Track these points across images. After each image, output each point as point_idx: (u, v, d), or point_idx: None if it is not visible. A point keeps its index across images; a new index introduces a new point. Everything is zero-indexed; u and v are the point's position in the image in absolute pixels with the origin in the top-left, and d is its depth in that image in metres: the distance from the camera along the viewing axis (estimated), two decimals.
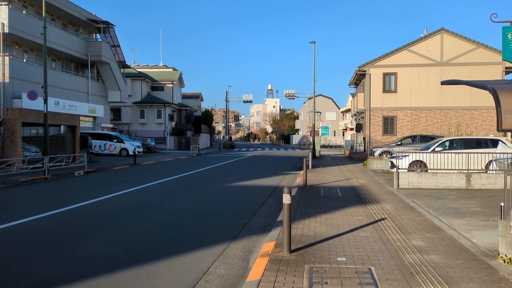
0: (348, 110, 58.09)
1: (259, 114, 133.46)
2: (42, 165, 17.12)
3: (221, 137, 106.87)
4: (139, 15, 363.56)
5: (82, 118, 28.22)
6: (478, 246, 6.07)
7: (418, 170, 14.31)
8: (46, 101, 17.19)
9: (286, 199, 5.77)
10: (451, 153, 13.77)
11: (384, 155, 21.48)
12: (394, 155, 16.19)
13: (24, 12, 25.81)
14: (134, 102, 45.61)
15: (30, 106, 21.16)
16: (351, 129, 49.41)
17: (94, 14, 33.46)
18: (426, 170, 14.13)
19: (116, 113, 44.71)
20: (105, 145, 30.43)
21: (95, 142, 29.54)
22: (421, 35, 29.73)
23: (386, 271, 4.99)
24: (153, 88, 49.30)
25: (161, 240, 6.88)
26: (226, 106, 59.39)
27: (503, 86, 5.79)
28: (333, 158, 30.35)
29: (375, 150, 22.78)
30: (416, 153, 15.22)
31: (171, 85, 49.32)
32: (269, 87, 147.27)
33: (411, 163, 14.94)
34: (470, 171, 12.92)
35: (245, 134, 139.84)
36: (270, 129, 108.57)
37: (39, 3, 26.27)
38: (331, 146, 58.84)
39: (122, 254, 6.05)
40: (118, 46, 36.65)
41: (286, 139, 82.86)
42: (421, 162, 14.94)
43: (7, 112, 18.46)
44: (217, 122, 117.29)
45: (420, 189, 12.58)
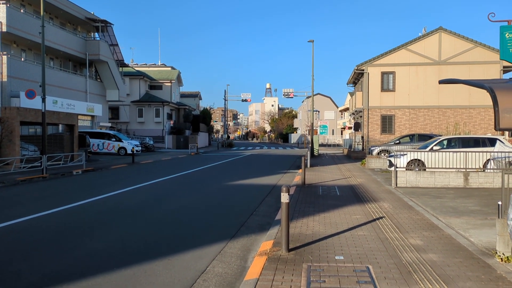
0: (346, 109, 58.11)
1: (258, 113, 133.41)
2: (40, 164, 17.10)
3: (219, 136, 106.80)
4: (137, 14, 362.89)
5: (80, 117, 28.15)
6: (475, 245, 6.09)
7: (416, 169, 14.33)
8: (44, 100, 17.17)
9: (284, 198, 5.77)
10: (449, 152, 13.80)
11: (382, 154, 21.51)
12: (392, 154, 16.21)
13: (22, 10, 25.72)
14: (132, 101, 45.54)
15: (28, 105, 21.12)
16: (350, 128, 49.42)
17: (92, 13, 33.39)
18: (424, 169, 14.15)
19: (114, 112, 44.63)
20: (103, 144, 30.39)
21: (93, 141, 29.50)
22: (419, 34, 29.75)
23: (384, 270, 5.00)
24: (151, 87, 49.24)
25: (159, 238, 6.89)
26: (225, 105, 59.35)
27: (501, 85, 5.80)
28: (331, 157, 30.38)
29: (373, 149, 22.80)
30: (414, 152, 15.24)
31: (170, 84, 49.26)
32: (267, 86, 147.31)
33: (409, 162, 14.96)
34: (468, 170, 12.95)
35: (243, 133, 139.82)
36: (268, 128, 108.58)
37: (37, 2, 26.22)
38: (330, 145, 58.87)
39: (121, 253, 6.05)
40: (116, 45, 36.58)
41: (285, 138, 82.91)
42: (419, 161, 14.96)
43: (5, 111, 18.42)
44: (215, 121, 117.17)
45: (418, 187, 12.60)
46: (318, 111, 61.97)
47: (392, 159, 15.55)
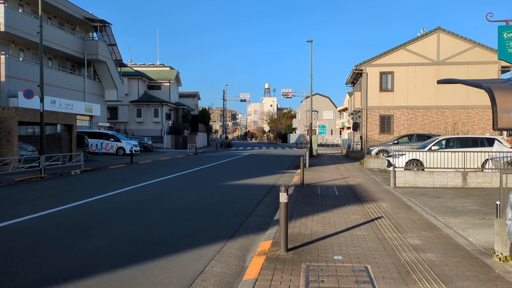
0: (345, 109, 58.14)
1: (256, 113, 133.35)
2: (38, 164, 17.07)
3: (218, 136, 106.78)
4: (136, 14, 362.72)
5: (78, 117, 28.13)
6: (474, 245, 6.10)
7: (415, 169, 14.35)
8: (42, 100, 17.13)
9: (283, 198, 5.77)
10: (448, 151, 13.81)
11: (381, 154, 21.53)
12: (391, 154, 16.22)
13: (20, 10, 25.67)
14: (131, 101, 45.48)
15: (27, 105, 21.08)
16: (348, 128, 49.46)
17: (90, 12, 33.35)
18: (423, 169, 14.16)
19: (113, 112, 44.59)
20: (101, 144, 30.36)
21: (92, 141, 29.45)
22: (417, 34, 29.80)
23: (383, 270, 5.00)
24: (150, 87, 49.20)
25: (157, 238, 6.88)
26: (223, 105, 59.31)
27: (499, 85, 5.82)
28: (330, 157, 30.40)
29: (372, 148, 22.82)
30: (412, 151, 15.25)
31: (168, 84, 49.22)
32: (266, 86, 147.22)
33: (408, 162, 14.98)
34: (466, 170, 12.97)
35: (242, 133, 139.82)
36: (267, 128, 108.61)
37: (35, 2, 26.13)
38: (328, 145, 58.92)
39: (119, 253, 6.04)
40: (115, 45, 36.54)
41: (283, 138, 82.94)
42: (417, 160, 14.98)
43: (3, 111, 18.39)
44: (214, 121, 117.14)
45: (416, 187, 12.61)
46: (317, 111, 61.99)
47: (390, 159, 15.57)
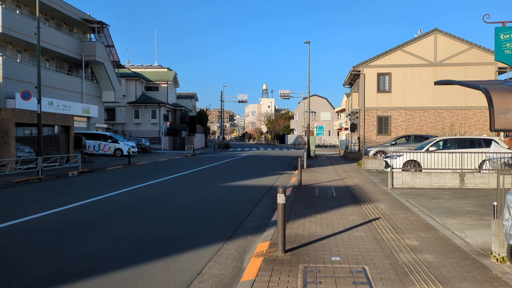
0: (343, 110, 58.21)
1: (254, 114, 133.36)
2: (35, 165, 17.01)
3: (216, 137, 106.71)
4: (134, 15, 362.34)
5: (76, 118, 28.08)
6: (471, 245, 6.11)
7: (412, 170, 14.37)
8: (39, 101, 17.09)
9: (281, 199, 5.77)
10: (445, 152, 13.85)
11: (378, 155, 21.55)
12: (389, 155, 16.24)
13: (17, 12, 25.63)
14: (128, 102, 45.42)
15: (24, 106, 21.03)
16: (346, 129, 49.52)
17: (88, 14, 33.32)
18: (420, 170, 14.19)
19: (110, 113, 44.51)
20: (99, 145, 30.29)
21: (89, 142, 29.39)
22: (415, 36, 29.89)
23: (380, 271, 5.00)
24: (147, 88, 49.14)
25: (155, 240, 6.86)
26: (221, 106, 59.30)
27: (496, 86, 5.84)
28: (328, 158, 30.41)
29: (370, 149, 22.85)
30: (410, 152, 15.28)
31: (166, 85, 49.17)
32: (264, 87, 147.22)
33: (405, 163, 15.00)
34: (463, 171, 13.00)
35: (240, 134, 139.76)
36: (265, 129, 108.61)
37: (33, 3, 26.14)
38: (326, 146, 58.95)
39: (116, 254, 6.03)
40: (113, 46, 36.51)
41: (281, 139, 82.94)
42: (415, 161, 15.00)
43: (1, 112, 18.32)
44: (212, 122, 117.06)
45: (414, 188, 12.63)
46: (315, 112, 62.03)
47: (388, 160, 15.58)
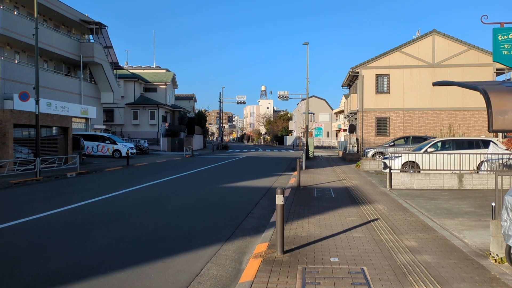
0: (341, 111, 58.27)
1: (253, 115, 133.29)
2: (34, 166, 16.98)
3: (214, 138, 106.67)
4: (132, 16, 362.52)
5: (74, 119, 28.03)
6: (470, 246, 6.11)
7: (411, 171, 14.38)
8: (38, 102, 17.06)
9: (279, 200, 5.77)
10: (443, 153, 13.86)
11: (377, 156, 21.56)
12: (387, 156, 16.24)
13: (15, 13, 25.59)
14: (127, 104, 45.38)
15: (22, 107, 20.98)
16: (344, 130, 49.57)
17: (86, 15, 33.29)
18: (419, 171, 14.19)
19: (108, 114, 44.44)
20: (97, 146, 30.24)
21: (88, 144, 29.34)
22: (413, 37, 29.93)
23: (379, 271, 5.00)
24: (146, 89, 49.10)
25: (153, 241, 6.85)
26: (220, 107, 59.29)
27: (494, 87, 5.84)
28: (326, 159, 30.42)
29: (368, 151, 22.86)
30: (408, 154, 15.30)
31: (164, 86, 49.16)
32: (262, 88, 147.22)
33: (404, 164, 15.01)
34: (462, 172, 13.01)
35: (238, 135, 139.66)
36: (263, 130, 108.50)
37: (31, 4, 26.10)
38: (325, 147, 58.96)
39: (114, 256, 6.01)
40: (111, 47, 36.48)
41: (280, 140, 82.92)
42: (413, 162, 15.01)
43: None
44: (210, 124, 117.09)
45: (412, 189, 12.64)
46: (313, 114, 62.08)
47: (386, 161, 15.58)
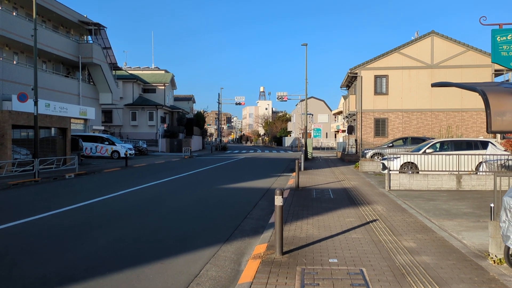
0: (340, 112, 58.31)
1: (252, 116, 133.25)
2: (32, 167, 16.95)
3: (213, 139, 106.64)
4: (131, 17, 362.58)
5: (73, 120, 28.00)
6: (468, 247, 6.12)
7: (410, 172, 14.39)
8: (36, 103, 17.04)
9: (278, 201, 5.76)
10: (442, 154, 13.87)
11: (375, 157, 21.58)
12: (386, 157, 16.26)
13: (14, 13, 25.57)
14: (125, 104, 45.35)
15: (20, 108, 20.96)
16: (343, 131, 49.61)
17: (85, 16, 33.28)
18: (418, 172, 14.21)
19: (107, 115, 44.43)
20: (96, 147, 30.22)
21: (86, 145, 29.30)
22: (411, 38, 29.96)
23: (378, 272, 5.00)
24: (145, 90, 49.09)
25: (152, 242, 6.84)
26: (219, 108, 59.26)
27: (493, 88, 5.85)
28: (325, 160, 30.42)
29: (367, 152, 22.88)
30: (407, 154, 15.31)
31: (163, 87, 49.14)
32: (261, 89, 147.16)
33: (403, 165, 15.02)
34: (460, 173, 13.03)
35: (237, 136, 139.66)
36: (262, 131, 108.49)
37: (30, 5, 26.07)
38: (323, 148, 58.98)
39: (113, 257, 6.00)
40: (110, 48, 36.46)
41: (279, 141, 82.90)
42: (412, 163, 15.03)
43: None
44: (209, 124, 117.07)
45: (411, 190, 12.65)
46: (312, 115, 62.13)
47: (385, 162, 15.60)
